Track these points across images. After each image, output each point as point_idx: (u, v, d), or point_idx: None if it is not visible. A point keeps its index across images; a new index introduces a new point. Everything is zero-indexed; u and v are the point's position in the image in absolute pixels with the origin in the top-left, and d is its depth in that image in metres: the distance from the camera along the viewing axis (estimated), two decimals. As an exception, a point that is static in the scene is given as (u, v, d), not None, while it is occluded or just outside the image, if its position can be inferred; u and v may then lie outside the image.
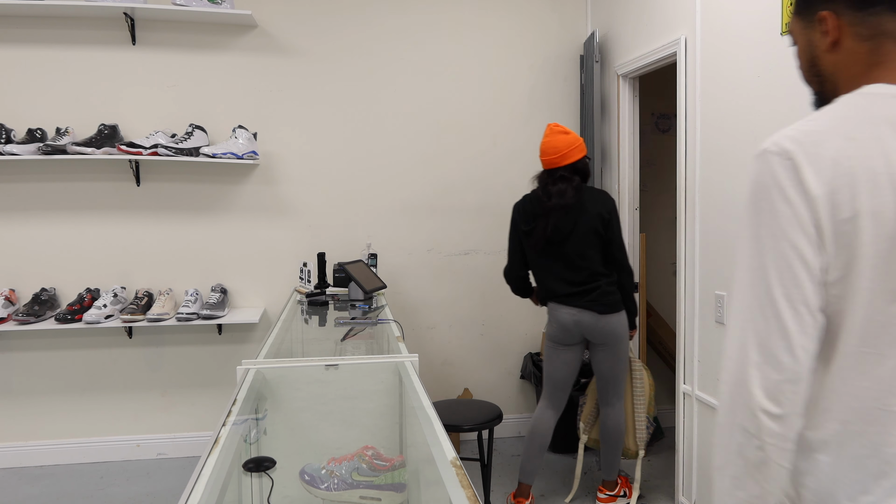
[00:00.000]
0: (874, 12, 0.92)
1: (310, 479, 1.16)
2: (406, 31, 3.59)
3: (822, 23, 0.97)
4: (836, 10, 0.95)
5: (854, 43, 0.95)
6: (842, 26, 0.95)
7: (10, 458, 3.35)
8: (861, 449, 0.90)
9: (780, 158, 0.88)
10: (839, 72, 0.97)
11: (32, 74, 3.26)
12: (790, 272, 0.86)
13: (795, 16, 1.04)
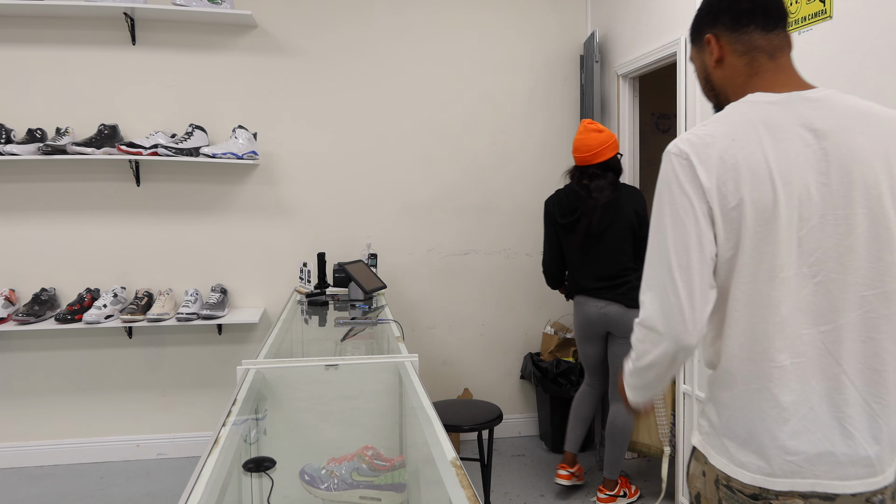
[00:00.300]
0: (746, 31, 1.14)
1: (310, 480, 1.16)
2: (406, 31, 3.59)
3: (709, 44, 1.19)
4: (716, 32, 1.17)
5: (734, 58, 1.16)
6: (723, 45, 1.17)
7: (10, 458, 3.35)
8: (763, 402, 1.08)
9: (679, 158, 1.09)
10: (727, 84, 1.19)
11: (32, 74, 3.26)
12: (686, 256, 1.07)
13: (692, 44, 1.25)
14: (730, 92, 1.18)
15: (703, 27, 1.20)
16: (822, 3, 1.92)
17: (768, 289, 1.06)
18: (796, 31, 2.04)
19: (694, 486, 1.21)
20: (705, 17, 1.20)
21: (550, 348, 3.62)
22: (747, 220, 1.05)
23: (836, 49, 1.88)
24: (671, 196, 1.09)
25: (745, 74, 1.15)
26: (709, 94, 1.24)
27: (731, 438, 1.12)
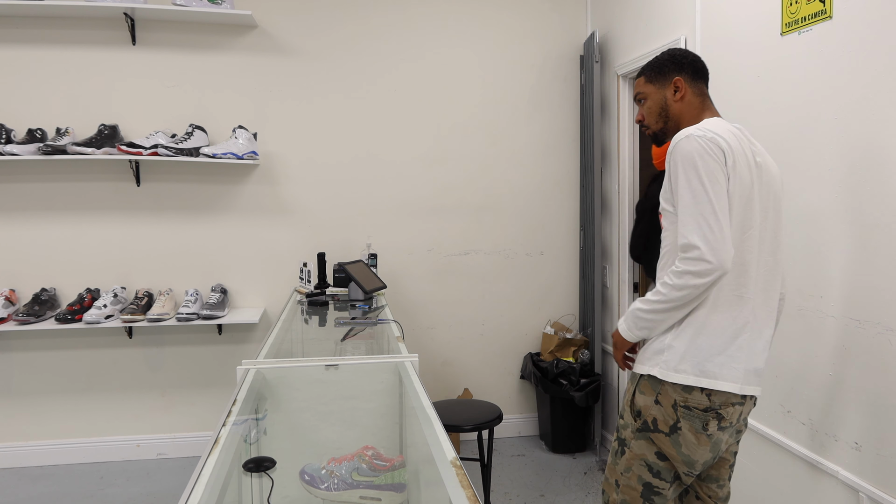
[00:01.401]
0: (699, 82, 1.70)
1: (310, 479, 1.16)
2: (406, 31, 3.59)
3: (676, 84, 1.68)
4: (683, 77, 1.68)
5: (692, 97, 1.69)
6: (686, 87, 1.68)
7: (10, 458, 3.35)
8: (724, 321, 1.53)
9: (703, 138, 1.50)
10: (683, 115, 1.69)
11: (32, 74, 3.26)
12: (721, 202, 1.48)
13: (648, 83, 1.72)
14: (686, 120, 1.67)
15: (670, 72, 1.68)
16: (822, 3, 1.92)
17: (741, 239, 1.53)
18: (796, 31, 2.04)
19: (649, 413, 1.57)
20: (670, 66, 1.68)
21: (550, 348, 3.62)
22: (734, 188, 1.51)
23: (836, 49, 1.88)
24: (704, 161, 1.47)
25: (699, 109, 1.69)
26: (658, 121, 1.71)
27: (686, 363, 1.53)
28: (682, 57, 1.69)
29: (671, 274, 1.49)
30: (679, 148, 1.50)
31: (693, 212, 1.46)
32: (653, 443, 1.59)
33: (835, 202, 1.90)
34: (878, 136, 1.74)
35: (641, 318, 1.57)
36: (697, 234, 1.44)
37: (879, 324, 1.75)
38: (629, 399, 1.63)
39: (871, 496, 1.76)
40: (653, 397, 1.56)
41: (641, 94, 1.73)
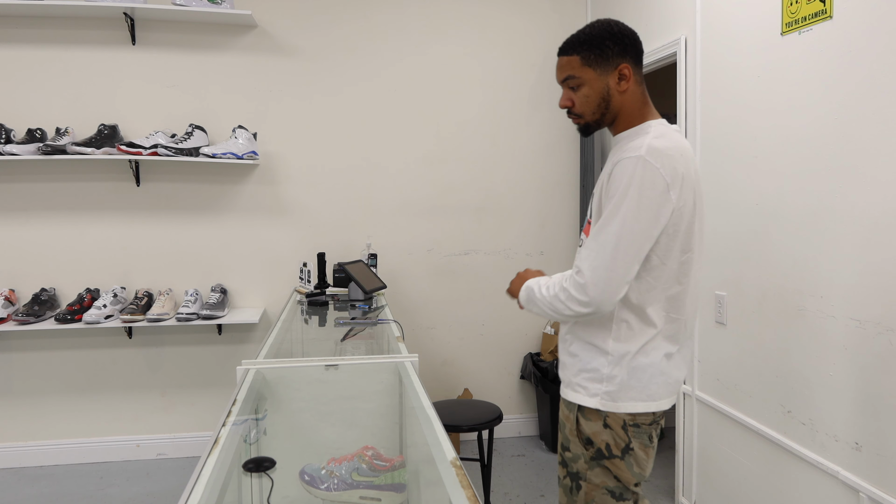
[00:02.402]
0: (639, 69, 1.45)
1: (310, 480, 1.16)
2: (406, 31, 3.59)
3: (622, 71, 1.42)
4: (629, 63, 1.43)
5: (636, 88, 1.45)
6: (631, 75, 1.42)
7: (10, 458, 3.35)
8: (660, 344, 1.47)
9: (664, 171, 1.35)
10: (625, 107, 1.45)
11: (32, 74, 3.26)
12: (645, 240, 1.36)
13: (587, 66, 1.44)
14: (626, 114, 1.46)
15: (613, 56, 1.42)
16: (822, 3, 1.92)
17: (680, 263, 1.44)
18: (796, 31, 2.04)
19: (600, 438, 1.47)
20: (612, 48, 1.42)
21: (550, 348, 3.62)
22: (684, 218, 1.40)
23: (836, 49, 1.88)
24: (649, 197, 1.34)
25: (642, 102, 1.46)
26: (596, 112, 1.46)
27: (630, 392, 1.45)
28: (624, 36, 1.44)
29: (560, 288, 1.41)
30: (629, 169, 1.34)
31: (606, 242, 1.35)
32: (608, 469, 1.50)
33: (834, 202, 1.90)
34: (878, 135, 1.74)
35: (531, 300, 1.51)
36: (591, 264, 1.35)
37: (879, 324, 1.75)
38: (572, 428, 1.51)
39: (871, 496, 1.76)
40: (600, 422, 1.47)
41: (575, 79, 1.46)
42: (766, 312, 2.22)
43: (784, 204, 2.11)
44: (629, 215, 1.33)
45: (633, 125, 1.47)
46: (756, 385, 2.28)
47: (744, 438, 2.36)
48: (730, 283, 2.43)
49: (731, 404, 2.44)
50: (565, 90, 1.49)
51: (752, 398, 2.31)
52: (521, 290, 1.54)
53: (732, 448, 2.44)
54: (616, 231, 1.33)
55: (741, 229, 2.35)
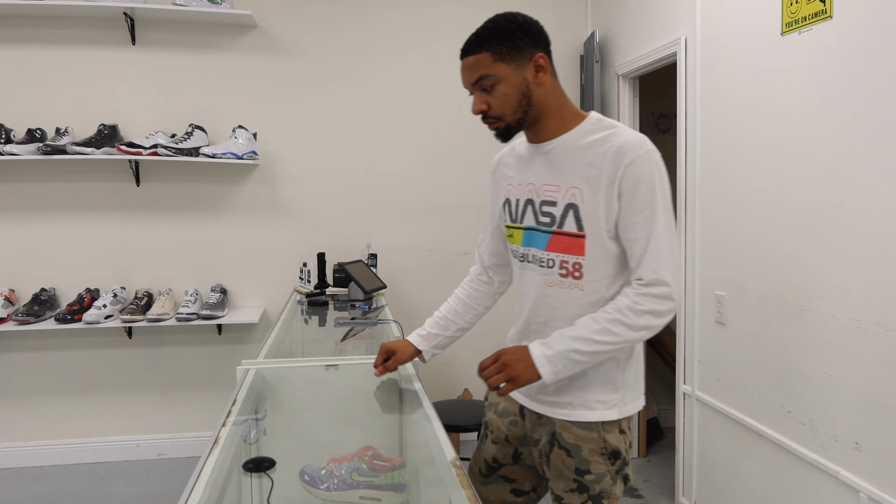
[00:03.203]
0: (551, 61, 1.34)
1: (309, 480, 1.16)
2: (406, 30, 3.59)
3: (538, 63, 1.31)
4: (544, 53, 1.32)
5: (552, 80, 1.35)
6: (547, 68, 1.32)
7: (10, 458, 3.35)
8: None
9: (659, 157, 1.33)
10: (546, 102, 1.35)
11: (32, 74, 3.26)
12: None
13: (500, 61, 1.30)
14: (546, 109, 1.36)
15: (526, 47, 1.30)
16: (822, 2, 1.92)
17: None
18: (796, 31, 2.04)
19: (622, 446, 1.42)
20: (523, 38, 1.29)
21: (550, 348, 3.61)
22: None
23: (836, 49, 1.88)
24: (667, 185, 1.31)
25: (561, 95, 1.38)
26: (517, 110, 1.33)
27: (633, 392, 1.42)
28: (531, 25, 1.32)
29: (630, 312, 1.26)
30: (654, 161, 1.30)
31: (667, 243, 1.27)
32: (627, 476, 1.45)
33: (835, 202, 1.90)
34: (879, 135, 1.74)
35: (578, 363, 1.29)
36: (670, 270, 1.26)
37: (879, 324, 1.75)
38: (595, 448, 1.38)
39: (871, 496, 1.76)
40: (617, 429, 1.41)
41: (490, 78, 1.30)
42: (766, 312, 2.22)
43: (784, 204, 2.11)
44: (667, 211, 1.29)
45: (567, 121, 1.39)
46: (756, 385, 2.28)
47: (744, 438, 2.36)
48: (730, 283, 2.43)
49: (731, 404, 2.44)
50: (477, 94, 1.34)
51: (752, 398, 2.31)
52: (546, 373, 1.29)
53: (732, 448, 2.44)
54: (667, 230, 1.28)
55: (741, 229, 2.35)
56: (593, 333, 1.27)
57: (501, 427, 1.54)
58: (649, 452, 3.55)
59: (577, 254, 1.32)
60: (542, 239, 1.38)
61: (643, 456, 3.49)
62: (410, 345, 1.64)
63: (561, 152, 1.36)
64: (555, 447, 1.40)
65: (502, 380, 1.30)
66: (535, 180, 1.39)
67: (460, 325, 1.70)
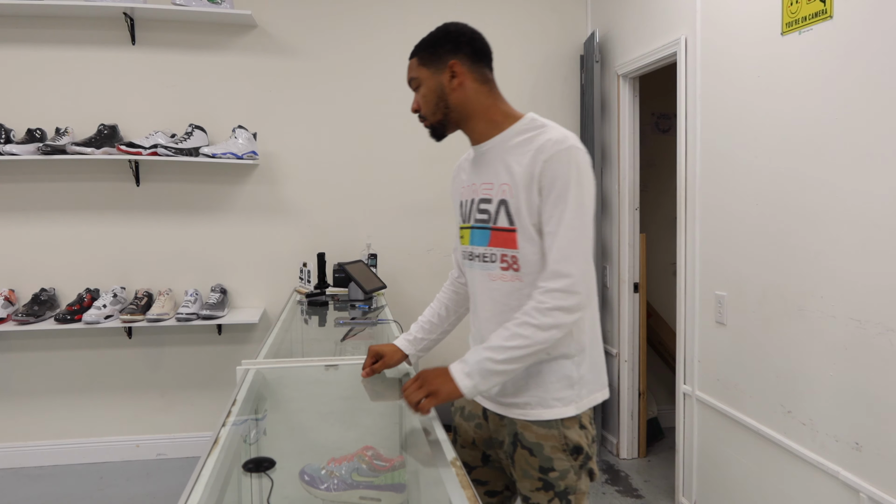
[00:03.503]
0: (481, 65, 1.42)
1: (309, 480, 1.16)
2: (406, 31, 3.59)
3: (452, 68, 1.39)
4: (459, 60, 1.40)
5: (474, 83, 1.41)
6: (465, 72, 1.40)
7: (10, 458, 3.35)
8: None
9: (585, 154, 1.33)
10: (468, 104, 1.41)
11: (32, 74, 3.26)
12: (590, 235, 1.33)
13: (422, 66, 1.43)
14: (470, 111, 1.42)
15: (444, 53, 1.41)
16: (822, 2, 1.92)
17: None
18: (796, 31, 2.04)
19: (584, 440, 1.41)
20: (444, 46, 1.42)
21: (550, 348, 3.61)
22: None
23: (836, 49, 1.88)
24: (589, 180, 1.32)
25: (490, 97, 1.42)
26: (436, 112, 1.42)
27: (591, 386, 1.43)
28: (459, 34, 1.45)
29: (535, 312, 1.28)
30: (573, 156, 1.30)
31: (575, 237, 1.29)
32: (591, 471, 1.45)
33: (835, 201, 1.90)
34: (879, 135, 1.74)
35: (495, 372, 1.30)
36: (574, 262, 1.28)
37: (879, 324, 1.75)
38: (556, 445, 1.39)
39: (871, 496, 1.76)
40: (577, 424, 1.41)
41: (415, 80, 1.46)
42: (766, 312, 2.22)
43: (784, 203, 2.11)
44: (583, 204, 1.30)
45: (499, 122, 1.42)
46: (756, 385, 2.28)
47: (744, 438, 2.36)
48: (730, 283, 2.43)
49: (731, 404, 2.44)
50: (415, 95, 1.47)
51: (752, 398, 2.31)
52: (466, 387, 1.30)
53: (732, 448, 2.44)
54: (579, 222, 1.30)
55: (741, 229, 2.35)
56: (504, 340, 1.30)
57: (468, 431, 1.57)
58: (649, 452, 3.55)
59: (512, 247, 1.38)
60: (483, 235, 1.43)
61: (643, 456, 3.49)
62: (398, 349, 1.70)
63: (495, 152, 1.42)
64: (517, 447, 1.42)
65: (422, 395, 1.31)
66: (477, 180, 1.46)
67: (444, 328, 1.82)
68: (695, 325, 2.68)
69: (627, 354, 3.41)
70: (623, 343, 3.41)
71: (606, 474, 3.28)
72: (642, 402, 3.46)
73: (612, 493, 3.07)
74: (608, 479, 3.22)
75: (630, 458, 3.46)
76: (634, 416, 3.45)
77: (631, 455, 3.46)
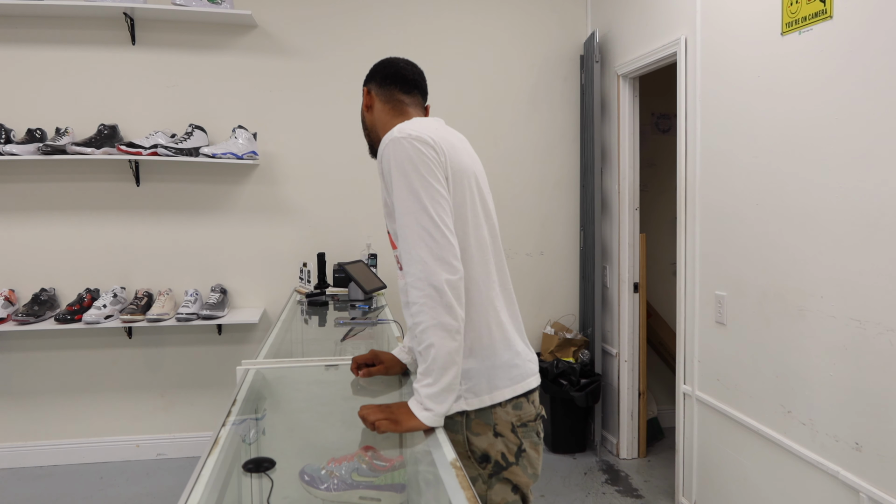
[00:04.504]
0: (392, 86, 1.54)
1: (309, 480, 1.16)
2: (406, 31, 3.59)
3: (366, 94, 1.57)
4: (370, 87, 1.57)
5: (381, 105, 1.55)
6: (373, 97, 1.55)
7: (10, 458, 3.35)
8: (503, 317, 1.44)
9: (418, 141, 1.33)
10: (375, 123, 1.55)
11: (32, 74, 3.26)
12: (442, 206, 1.30)
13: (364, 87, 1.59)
14: (379, 128, 1.54)
15: (365, 83, 1.58)
16: (822, 3, 1.92)
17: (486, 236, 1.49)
18: (796, 31, 2.04)
19: (495, 449, 1.38)
20: (368, 76, 1.58)
21: (550, 348, 3.62)
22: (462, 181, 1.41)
23: (836, 49, 1.88)
24: (413, 164, 1.32)
25: (393, 114, 1.53)
26: (365, 131, 1.60)
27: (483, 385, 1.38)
28: (377, 66, 1.57)
29: (418, 315, 1.26)
30: (392, 148, 1.32)
31: (409, 223, 1.28)
32: (508, 480, 1.40)
33: (835, 201, 1.90)
34: (879, 135, 1.74)
35: (439, 391, 1.27)
36: (412, 254, 1.27)
37: (879, 324, 1.75)
38: (463, 451, 1.38)
39: (871, 496, 1.76)
40: (490, 432, 1.37)
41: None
42: (766, 312, 2.22)
43: (784, 204, 2.11)
44: (412, 190, 1.30)
45: None
46: (756, 385, 2.28)
47: (744, 438, 2.36)
48: (730, 283, 2.43)
49: (731, 404, 2.44)
50: None
51: (752, 398, 2.31)
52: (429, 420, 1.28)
53: (732, 448, 2.44)
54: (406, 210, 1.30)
55: (741, 229, 2.35)
56: (421, 363, 1.29)
57: None
58: (649, 452, 3.55)
59: (394, 247, 1.44)
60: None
61: (643, 456, 3.49)
62: (398, 360, 1.72)
63: None
64: None
65: (381, 416, 1.28)
66: None
67: None
68: (695, 325, 2.68)
69: (627, 354, 3.41)
70: (623, 343, 3.41)
71: (606, 474, 3.28)
72: (642, 402, 3.46)
73: (612, 493, 3.07)
74: (608, 479, 3.22)
75: (630, 458, 3.46)
76: (634, 416, 3.45)
77: (631, 455, 3.46)
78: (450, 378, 1.27)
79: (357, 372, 1.69)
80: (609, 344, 3.55)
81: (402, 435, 1.36)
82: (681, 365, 2.79)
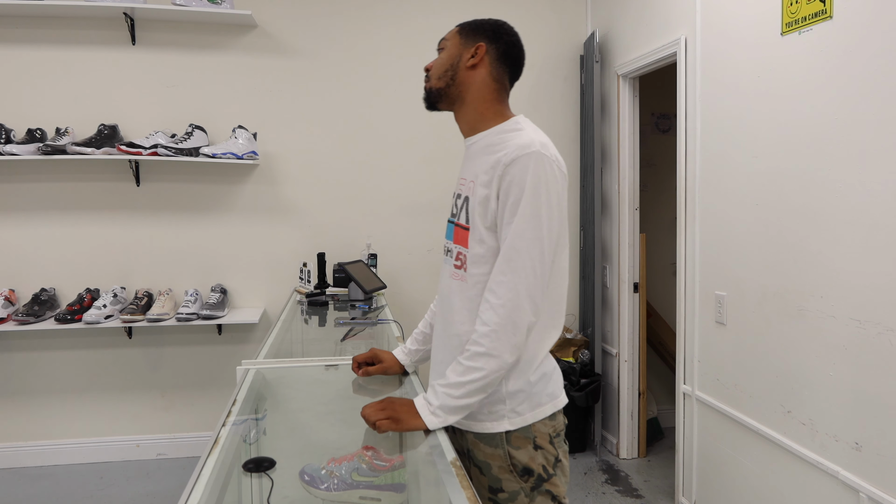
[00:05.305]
0: (503, 68, 1.41)
1: (309, 480, 1.16)
2: (406, 31, 3.59)
3: (477, 50, 1.40)
4: (488, 48, 1.40)
5: (487, 77, 1.40)
6: (485, 59, 1.40)
7: (10, 458, 3.35)
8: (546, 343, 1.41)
9: (559, 168, 1.30)
10: (469, 88, 1.40)
11: (32, 74, 3.26)
12: (555, 241, 1.29)
13: (457, 35, 1.44)
14: (467, 94, 1.41)
15: (480, 36, 1.41)
16: (822, 3, 1.92)
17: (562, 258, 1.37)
18: (796, 31, 2.04)
19: (536, 462, 1.36)
20: (486, 31, 1.42)
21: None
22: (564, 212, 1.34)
23: (836, 49, 1.88)
24: (557, 194, 1.29)
25: (492, 95, 1.41)
26: (441, 78, 1.42)
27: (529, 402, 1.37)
28: (503, 32, 1.43)
29: (484, 338, 1.25)
30: (533, 163, 1.26)
31: (525, 247, 1.25)
32: (549, 492, 1.38)
33: (835, 202, 1.90)
34: (879, 135, 1.74)
35: (458, 407, 1.29)
36: (511, 279, 1.25)
37: (879, 324, 1.75)
38: (504, 465, 1.37)
39: (871, 496, 1.76)
40: (530, 445, 1.37)
41: (444, 42, 1.46)
42: (766, 312, 2.22)
43: (784, 204, 2.11)
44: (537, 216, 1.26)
45: (487, 118, 1.41)
46: (756, 385, 2.29)
47: (744, 438, 2.36)
48: (730, 282, 2.43)
49: (731, 404, 2.44)
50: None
51: (752, 398, 2.31)
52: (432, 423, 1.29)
53: (732, 448, 2.44)
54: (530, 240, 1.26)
55: (741, 229, 2.35)
56: (458, 376, 1.28)
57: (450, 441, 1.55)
58: (649, 452, 3.55)
59: (464, 245, 1.37)
60: (450, 230, 1.44)
61: (643, 456, 3.49)
62: (397, 360, 1.72)
63: (476, 149, 1.41)
64: (471, 464, 1.41)
65: (383, 416, 1.29)
66: (461, 175, 1.46)
67: None
68: (695, 325, 2.68)
69: (627, 354, 3.42)
70: (623, 343, 3.41)
71: (606, 474, 3.28)
72: (642, 402, 3.46)
73: (612, 492, 3.07)
74: (608, 479, 3.22)
75: (630, 458, 3.46)
76: (634, 416, 3.45)
77: (631, 455, 3.46)
78: (475, 401, 1.29)
79: (358, 370, 1.70)
80: (609, 344, 3.56)
81: (402, 435, 1.36)
82: (681, 365, 2.79)
